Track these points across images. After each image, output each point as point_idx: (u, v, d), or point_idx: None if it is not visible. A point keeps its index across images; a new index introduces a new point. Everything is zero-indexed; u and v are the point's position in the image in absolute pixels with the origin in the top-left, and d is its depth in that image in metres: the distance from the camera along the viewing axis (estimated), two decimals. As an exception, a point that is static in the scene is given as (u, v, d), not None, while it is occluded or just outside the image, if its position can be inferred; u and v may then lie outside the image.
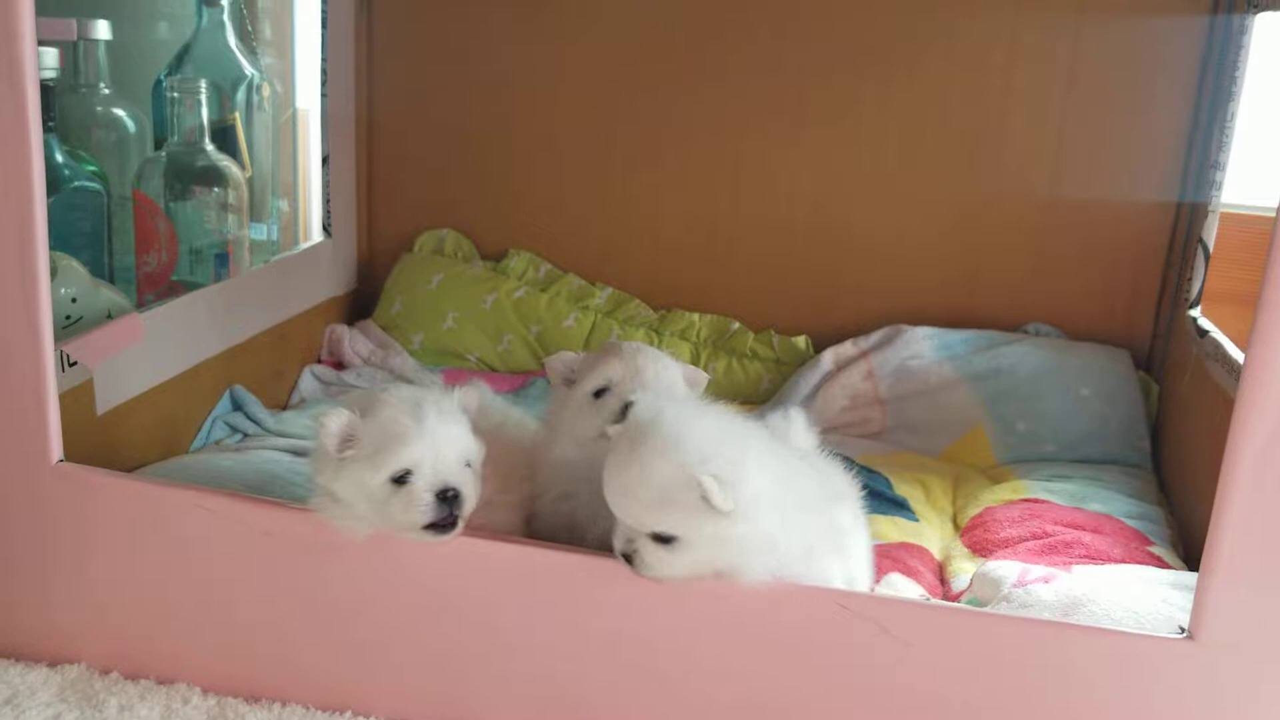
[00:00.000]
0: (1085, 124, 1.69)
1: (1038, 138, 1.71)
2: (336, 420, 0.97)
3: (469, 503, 0.97)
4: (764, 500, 0.90)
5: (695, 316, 1.82)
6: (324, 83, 1.73)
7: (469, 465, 0.99)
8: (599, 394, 1.04)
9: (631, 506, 0.91)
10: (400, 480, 0.96)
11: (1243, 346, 1.39)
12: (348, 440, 0.97)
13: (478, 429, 1.01)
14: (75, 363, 1.20)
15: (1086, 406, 1.64)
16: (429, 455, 0.96)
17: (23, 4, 0.94)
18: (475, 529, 1.00)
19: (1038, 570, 1.15)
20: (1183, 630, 0.91)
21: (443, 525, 0.97)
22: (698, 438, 0.90)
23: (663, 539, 0.91)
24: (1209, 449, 1.42)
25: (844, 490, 1.10)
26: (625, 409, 0.97)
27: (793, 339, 1.80)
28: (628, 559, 0.93)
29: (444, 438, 0.97)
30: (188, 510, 1.03)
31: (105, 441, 1.26)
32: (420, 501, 0.95)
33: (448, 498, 0.96)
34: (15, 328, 1.01)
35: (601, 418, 1.02)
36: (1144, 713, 0.92)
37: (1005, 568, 1.17)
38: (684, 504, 0.89)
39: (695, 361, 1.79)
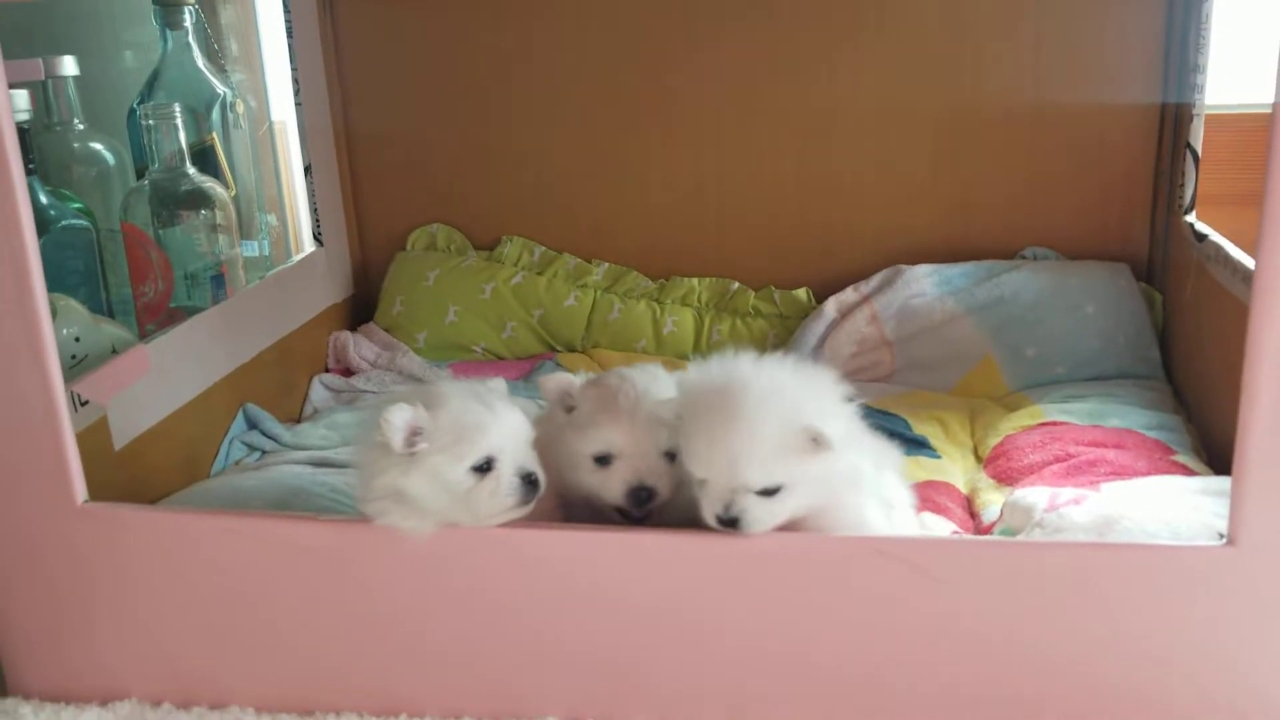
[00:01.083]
0: (1061, 35, 1.68)
1: (1013, 58, 1.70)
2: (400, 415, 0.96)
3: (543, 484, 0.99)
4: (846, 435, 0.95)
5: (695, 281, 1.82)
6: (297, 92, 1.72)
7: (532, 446, 1.00)
8: (601, 459, 1.03)
9: (743, 467, 0.92)
10: (482, 468, 0.97)
11: (1241, 246, 1.40)
12: (416, 434, 0.97)
13: None
14: (87, 401, 1.20)
15: (1092, 324, 1.65)
16: (507, 441, 0.98)
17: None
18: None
19: (1067, 493, 1.16)
20: (1222, 536, 0.91)
21: (525, 502, 0.99)
22: (794, 388, 0.95)
23: (769, 491, 0.93)
24: (1220, 351, 1.42)
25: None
26: (639, 494, 1.01)
27: (793, 292, 1.80)
28: (729, 523, 0.94)
29: (515, 423, 0.99)
30: (218, 536, 1.03)
31: (127, 476, 1.26)
32: (507, 486, 0.97)
33: (530, 480, 0.98)
34: (24, 374, 1.01)
35: (610, 491, 1.02)
36: (1189, 623, 0.93)
37: (1035, 494, 1.18)
38: (795, 451, 0.92)
39: (699, 325, 1.79)
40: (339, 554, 1.02)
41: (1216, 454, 1.36)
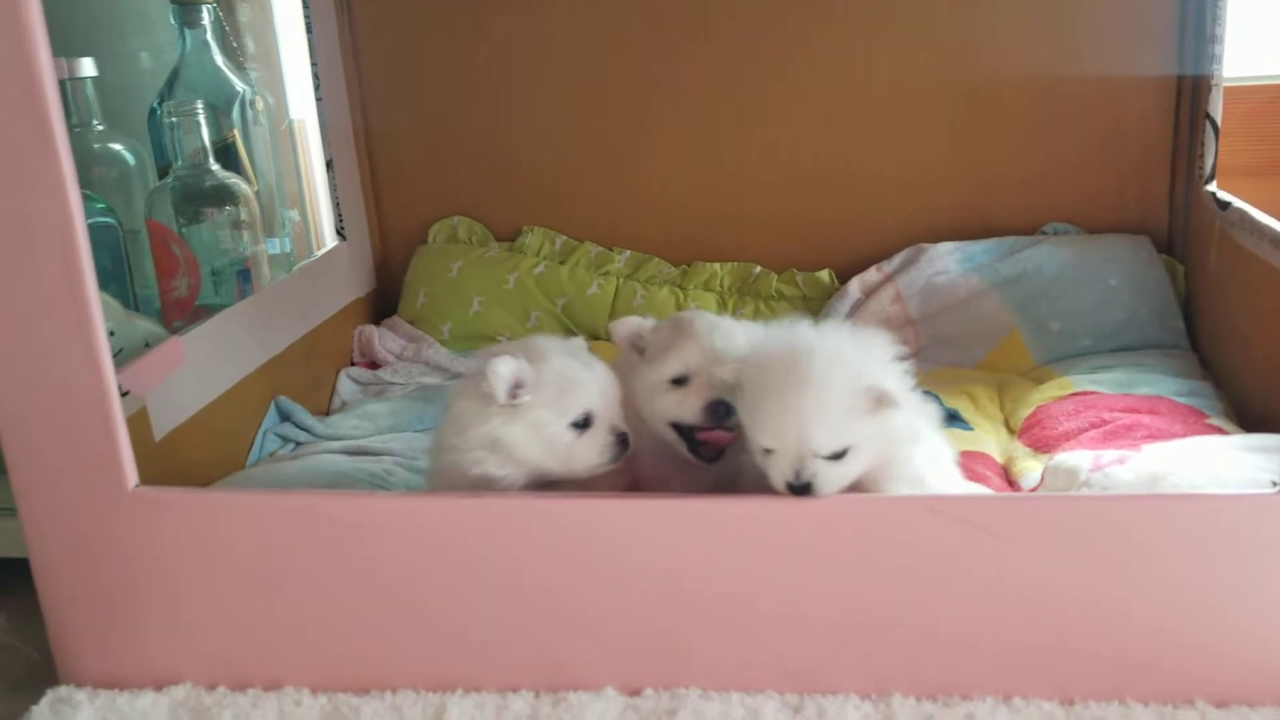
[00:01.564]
0: (1076, 9, 1.69)
1: (1028, 34, 1.71)
2: (507, 366, 0.99)
3: (632, 443, 1.04)
4: (903, 392, 0.98)
5: (717, 266, 1.83)
6: (317, 88, 1.73)
7: (623, 406, 1.05)
8: (677, 381, 1.05)
9: (813, 433, 0.93)
10: (581, 424, 1.01)
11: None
12: (519, 386, 1.00)
13: None
14: (127, 393, 1.20)
15: (1116, 296, 1.65)
16: (604, 399, 1.02)
17: (42, 55, 0.95)
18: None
19: (1110, 454, 1.16)
20: (1275, 484, 0.92)
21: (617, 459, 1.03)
22: (856, 352, 0.97)
23: (837, 455, 0.94)
24: (1248, 316, 1.43)
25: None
26: (717, 409, 1.02)
27: (816, 274, 1.80)
28: (800, 490, 0.95)
29: (610, 382, 1.04)
30: (272, 514, 1.03)
31: (168, 466, 1.27)
32: (603, 443, 1.02)
33: (623, 439, 1.03)
34: (75, 365, 1.01)
35: (689, 409, 1.04)
36: (1244, 570, 0.93)
37: (1077, 457, 1.19)
38: (860, 413, 0.94)
39: (722, 309, 1.80)
40: (393, 530, 1.02)
41: (1249, 418, 1.37)
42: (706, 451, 1.06)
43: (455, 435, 1.03)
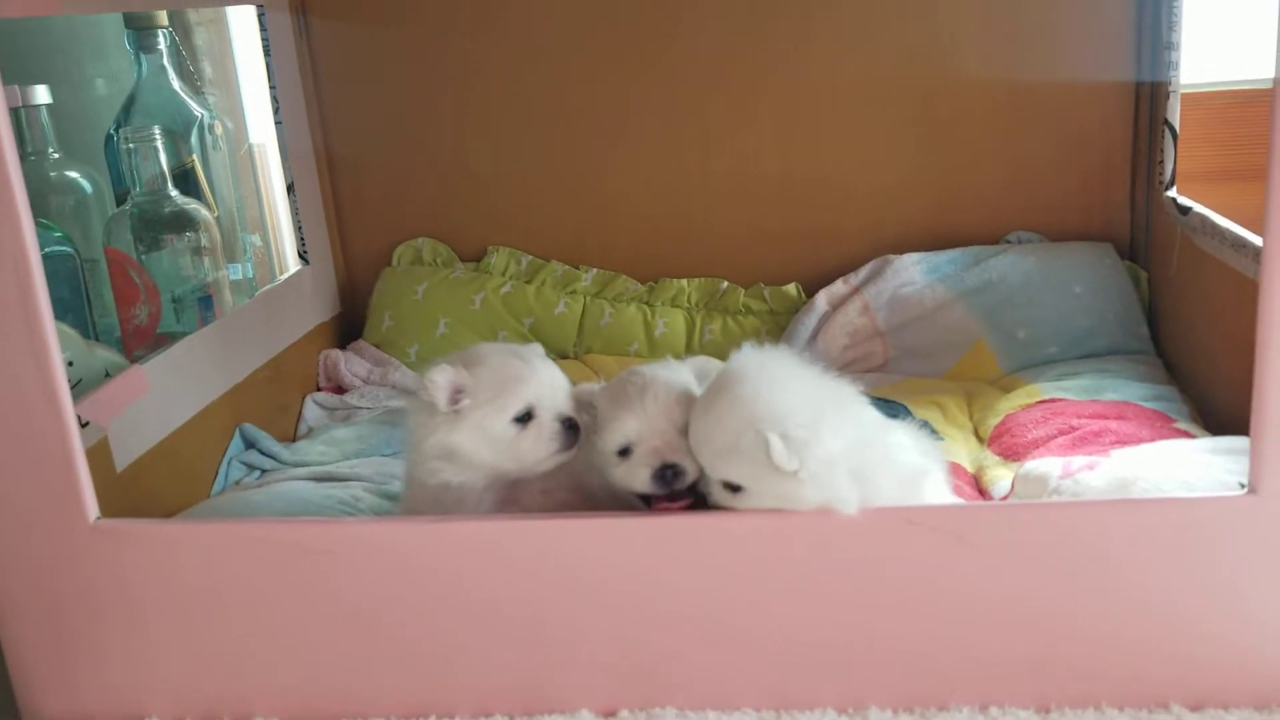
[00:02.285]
0: (1036, 21, 1.70)
1: (988, 46, 1.72)
2: (443, 374, 1.01)
3: (583, 429, 1.04)
4: (837, 466, 0.91)
5: (684, 282, 1.82)
6: (276, 111, 1.71)
7: (570, 396, 1.06)
8: (623, 452, 1.03)
9: (703, 451, 0.95)
10: (523, 418, 1.02)
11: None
12: (459, 392, 1.02)
13: None
14: (87, 423, 1.18)
15: (1081, 303, 1.66)
16: (545, 391, 1.03)
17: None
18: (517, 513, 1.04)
19: (1080, 460, 1.17)
20: (1243, 486, 0.92)
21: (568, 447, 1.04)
22: (778, 396, 0.92)
23: (731, 487, 0.94)
24: (1211, 320, 1.44)
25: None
26: (664, 474, 1.00)
27: (783, 288, 1.80)
28: (670, 476, 0.98)
29: (552, 375, 1.05)
30: (238, 544, 1.01)
31: (130, 498, 1.25)
32: (550, 431, 1.03)
33: (570, 425, 1.04)
34: (32, 398, 0.99)
35: (637, 479, 1.01)
36: (1216, 574, 0.94)
37: (1047, 464, 1.19)
38: (749, 457, 0.91)
39: (690, 326, 1.79)
40: (366, 557, 1.00)
41: (1214, 421, 1.38)
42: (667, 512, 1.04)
43: (413, 450, 1.06)
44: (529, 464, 1.04)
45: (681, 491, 1.00)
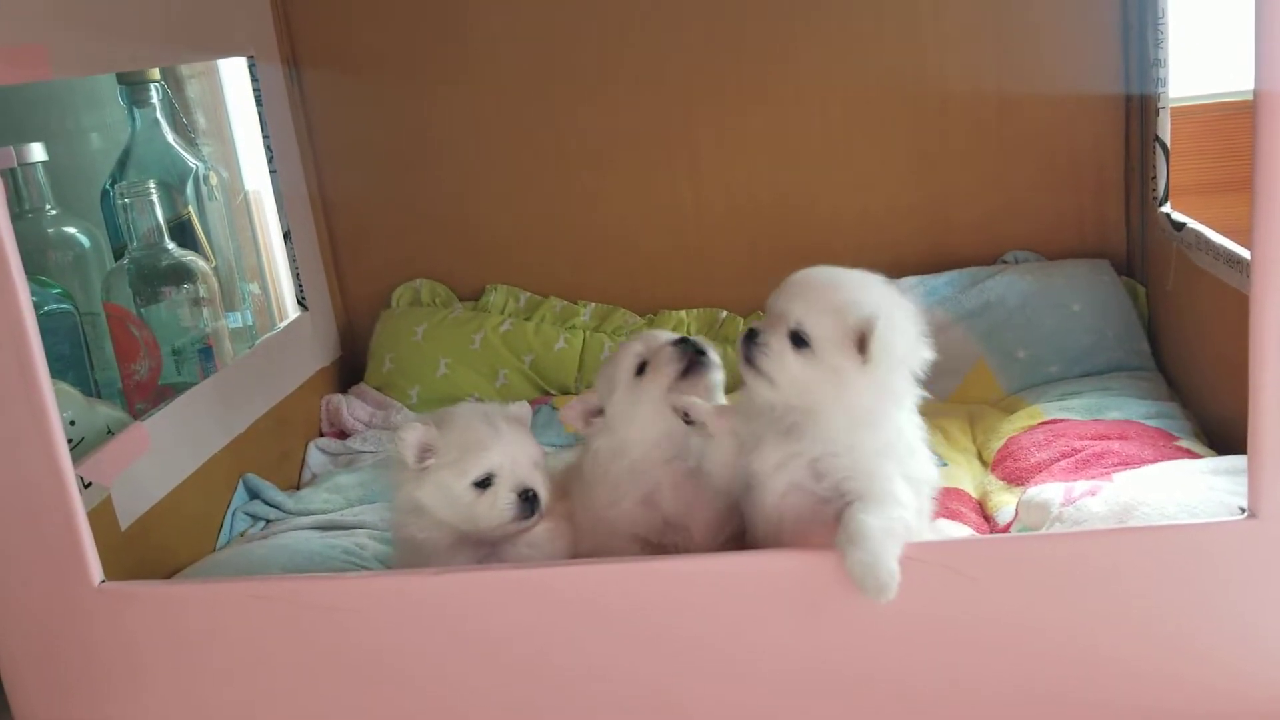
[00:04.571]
0: (1024, 43, 1.71)
1: (977, 70, 1.73)
2: (413, 434, 1.06)
3: (544, 499, 1.09)
4: (897, 386, 0.99)
5: (683, 313, 1.83)
6: (270, 160, 1.72)
7: (538, 466, 1.09)
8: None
9: (801, 298, 1.00)
10: (483, 483, 1.07)
11: (1216, 231, 1.42)
12: (426, 450, 1.07)
13: None
14: (90, 484, 1.19)
15: (1080, 321, 1.66)
16: (507, 460, 1.07)
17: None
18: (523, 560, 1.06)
19: (1082, 485, 1.16)
20: (1243, 510, 0.92)
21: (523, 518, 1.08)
22: (895, 312, 1.00)
23: (799, 340, 0.97)
24: (1208, 335, 1.44)
25: None
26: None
27: (781, 316, 1.80)
28: (752, 339, 1.01)
29: (518, 443, 1.09)
30: (243, 604, 1.02)
31: (135, 555, 1.25)
32: (504, 501, 1.07)
33: (528, 497, 1.08)
34: (33, 460, 1.00)
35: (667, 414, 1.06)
36: (1219, 597, 0.93)
37: (1049, 490, 1.18)
38: (844, 325, 0.97)
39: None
40: (370, 611, 1.00)
41: (1216, 437, 1.37)
42: None
43: (391, 503, 1.12)
44: (484, 527, 1.08)
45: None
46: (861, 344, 0.96)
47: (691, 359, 1.10)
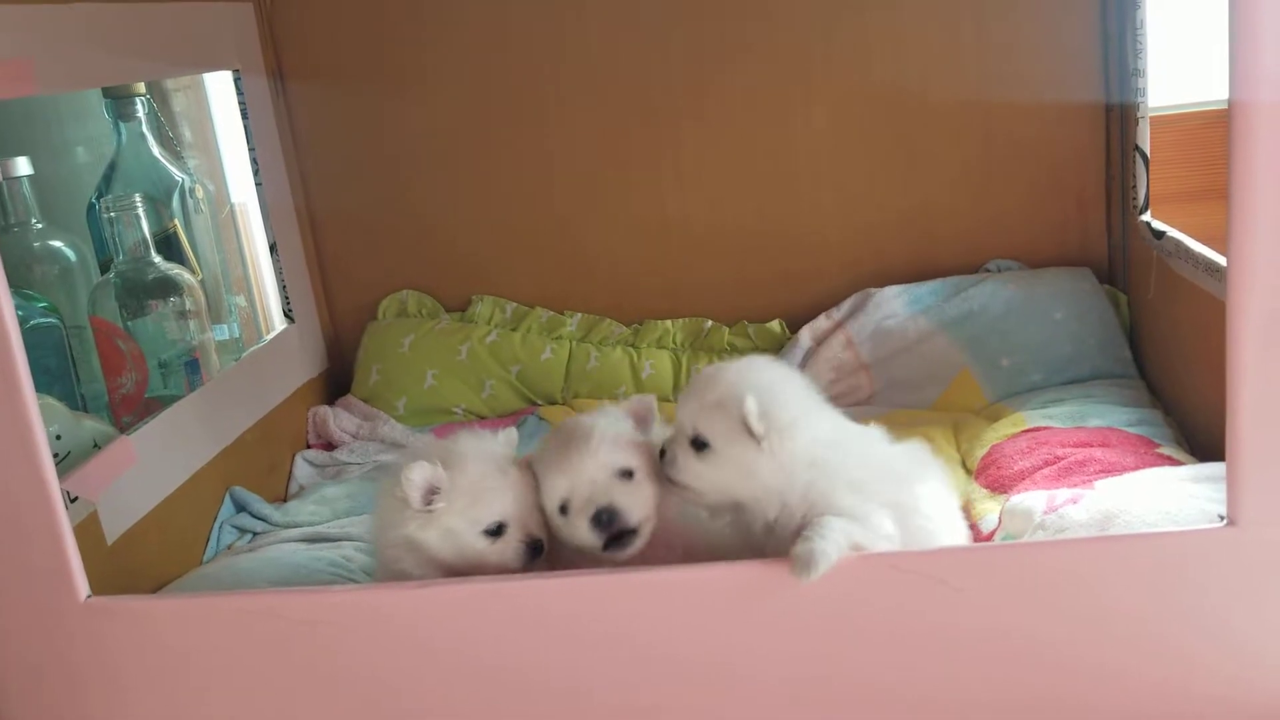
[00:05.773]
0: (1004, 52, 1.73)
1: (958, 80, 1.74)
2: (421, 473, 1.02)
3: (546, 548, 1.06)
4: (799, 454, 1.01)
5: (669, 323, 1.83)
6: (256, 172, 1.73)
7: (540, 510, 1.06)
8: (563, 509, 1.06)
9: (686, 406, 1.04)
10: (494, 532, 1.04)
11: (1196, 240, 1.44)
12: (433, 492, 1.03)
13: None
14: (76, 498, 1.19)
15: (1063, 329, 1.67)
16: (517, 509, 1.04)
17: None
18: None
19: (1064, 493, 1.17)
20: (1222, 518, 0.93)
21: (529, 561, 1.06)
22: (768, 379, 1.04)
23: (700, 444, 1.02)
24: (1189, 342, 1.45)
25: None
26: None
27: (766, 325, 1.82)
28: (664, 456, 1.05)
29: (527, 489, 1.06)
30: (228, 617, 1.02)
31: (122, 569, 1.25)
32: (515, 550, 1.04)
33: (535, 545, 1.05)
34: (18, 474, 1.00)
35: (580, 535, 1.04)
36: (1200, 605, 0.94)
37: (1032, 498, 1.19)
38: (726, 414, 1.00)
39: (677, 366, 1.80)
40: (354, 627, 1.00)
41: (1197, 443, 1.39)
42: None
43: (379, 533, 1.07)
44: (489, 572, 1.05)
45: (627, 534, 1.03)
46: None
47: (611, 537, 1.04)
